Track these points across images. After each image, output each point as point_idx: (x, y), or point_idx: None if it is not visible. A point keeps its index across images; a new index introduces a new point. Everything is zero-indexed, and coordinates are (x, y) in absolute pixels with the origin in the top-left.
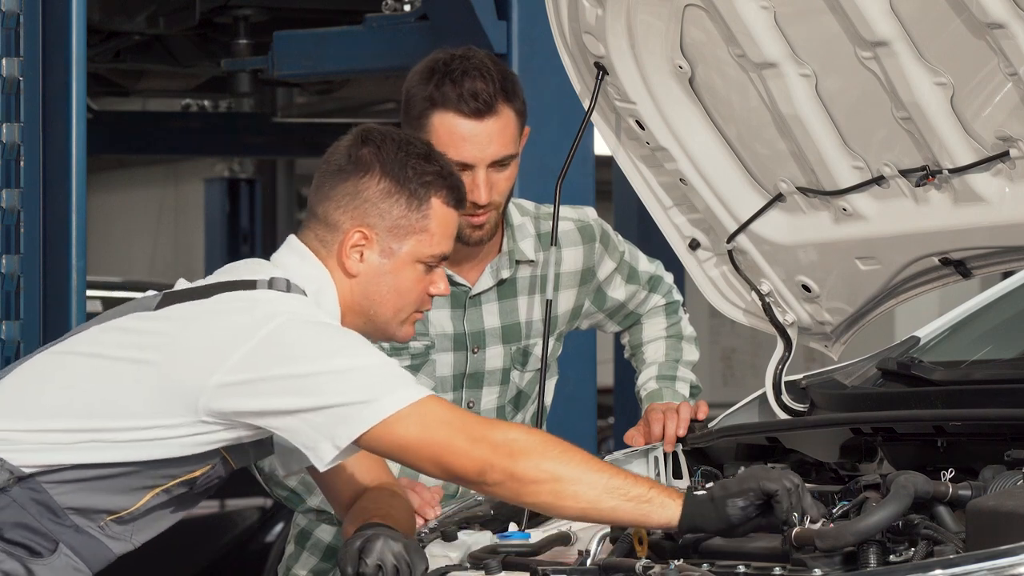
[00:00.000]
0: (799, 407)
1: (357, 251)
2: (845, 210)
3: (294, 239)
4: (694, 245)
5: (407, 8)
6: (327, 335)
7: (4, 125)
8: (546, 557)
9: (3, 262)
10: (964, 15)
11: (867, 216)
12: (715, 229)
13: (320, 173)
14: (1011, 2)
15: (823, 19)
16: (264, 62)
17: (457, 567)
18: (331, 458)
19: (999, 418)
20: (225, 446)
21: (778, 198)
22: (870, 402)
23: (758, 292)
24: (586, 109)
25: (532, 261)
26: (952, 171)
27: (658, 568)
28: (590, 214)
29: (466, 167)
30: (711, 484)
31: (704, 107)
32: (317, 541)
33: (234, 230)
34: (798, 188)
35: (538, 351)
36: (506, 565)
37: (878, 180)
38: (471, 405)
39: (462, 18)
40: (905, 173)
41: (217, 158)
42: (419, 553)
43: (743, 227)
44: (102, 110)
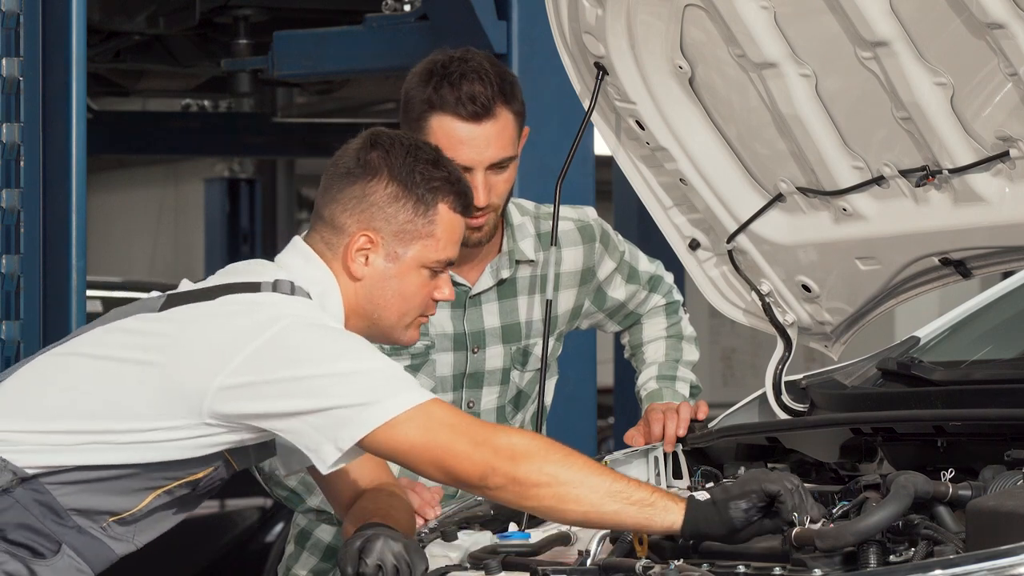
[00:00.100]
0: (799, 407)
1: (362, 255)
2: (845, 210)
3: (299, 241)
4: (694, 245)
5: (407, 8)
6: (331, 338)
7: (4, 125)
8: (546, 557)
9: (3, 262)
10: (964, 15)
11: (867, 216)
12: (715, 229)
13: (328, 175)
14: (1011, 2)
15: (823, 19)
16: (264, 62)
17: (457, 567)
18: (334, 460)
19: (999, 418)
20: (228, 448)
21: (778, 198)
22: (870, 402)
23: (758, 292)
24: (586, 109)
25: (532, 261)
26: (952, 171)
27: (658, 568)
28: (590, 214)
29: (465, 170)
30: (711, 485)
31: (704, 107)
32: (317, 541)
33: (234, 230)
34: (798, 188)
35: (538, 351)
36: (506, 565)
37: (878, 180)
38: (471, 405)
39: (462, 18)
40: (905, 173)
41: (217, 158)
42: (419, 553)
43: (743, 227)
44: (102, 110)
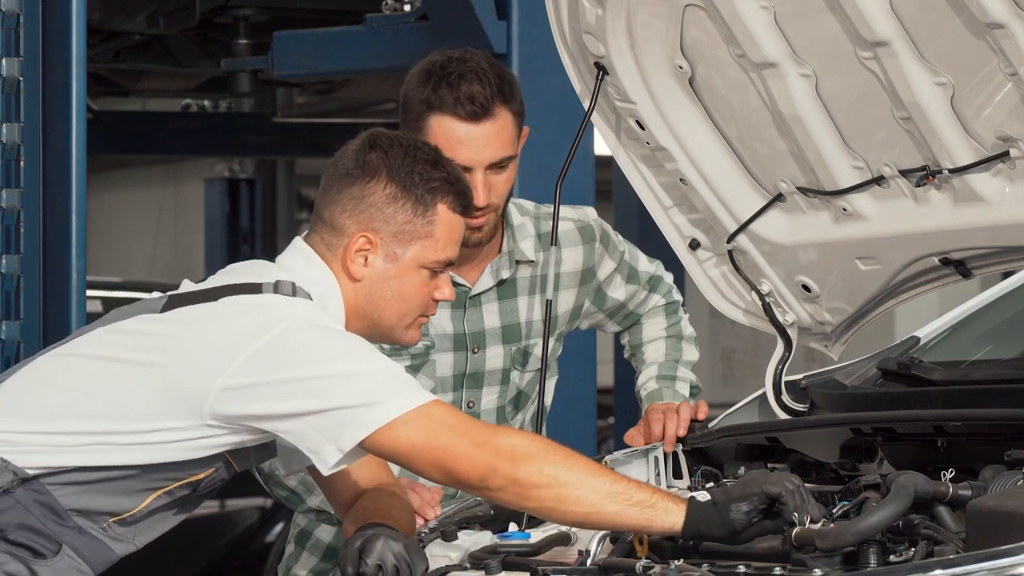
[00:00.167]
0: (799, 407)
1: (362, 255)
2: (845, 210)
3: (300, 241)
4: (694, 245)
5: (407, 8)
6: (331, 339)
7: (4, 125)
8: (546, 557)
9: (3, 262)
10: (964, 15)
11: (867, 216)
12: (715, 229)
13: (327, 176)
14: (1011, 2)
15: (823, 19)
16: (264, 62)
17: (457, 567)
18: (335, 461)
19: (999, 418)
20: (228, 449)
21: (778, 198)
22: (870, 402)
23: (758, 292)
24: (586, 109)
25: (532, 261)
26: (952, 171)
27: (658, 568)
28: (590, 214)
29: (464, 170)
30: (712, 485)
31: (704, 107)
32: (317, 541)
33: (234, 230)
34: (798, 188)
35: (538, 351)
36: (506, 565)
37: (878, 180)
38: (471, 405)
39: (462, 18)
40: (905, 173)
41: (217, 158)
42: (419, 553)
43: (743, 227)
44: (102, 110)
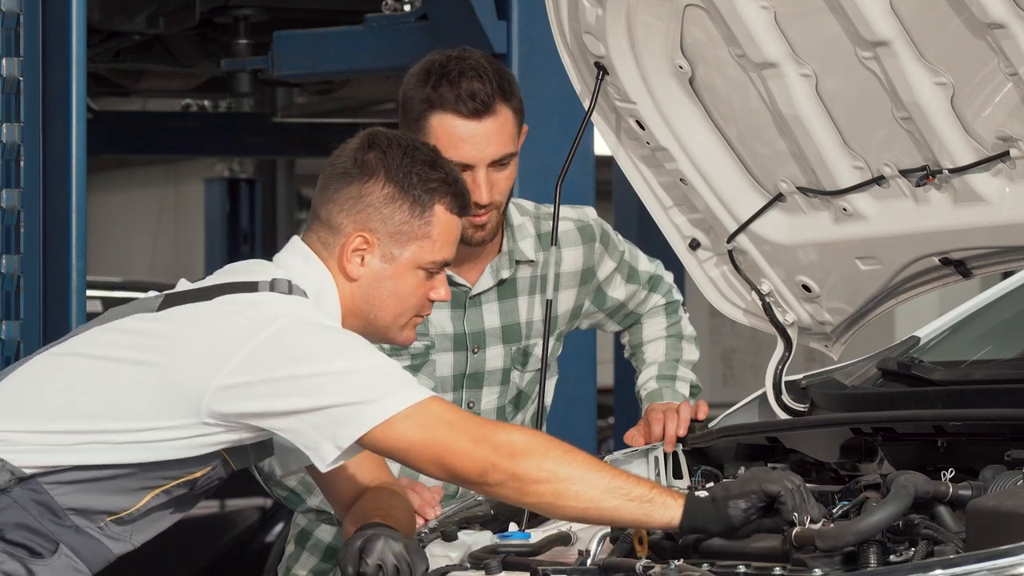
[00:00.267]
0: (799, 407)
1: (358, 255)
2: (845, 210)
3: (297, 240)
4: (694, 245)
5: (407, 8)
6: (328, 337)
7: (4, 125)
8: (546, 557)
9: (3, 262)
10: (964, 15)
11: (867, 216)
12: (715, 229)
13: (325, 175)
14: (1011, 2)
15: (823, 19)
16: (264, 62)
17: (457, 567)
18: (333, 458)
19: (999, 418)
20: (226, 448)
21: (778, 198)
22: (870, 402)
23: (758, 292)
24: (586, 109)
25: (532, 261)
26: (952, 171)
27: (658, 568)
28: (590, 214)
29: (466, 167)
30: (712, 484)
31: (704, 107)
32: (317, 541)
33: (234, 230)
34: (798, 188)
35: (538, 351)
36: (506, 565)
37: (878, 180)
38: (471, 405)
39: (462, 18)
40: (905, 173)
41: (217, 158)
42: (419, 553)
43: (743, 227)
44: (102, 110)
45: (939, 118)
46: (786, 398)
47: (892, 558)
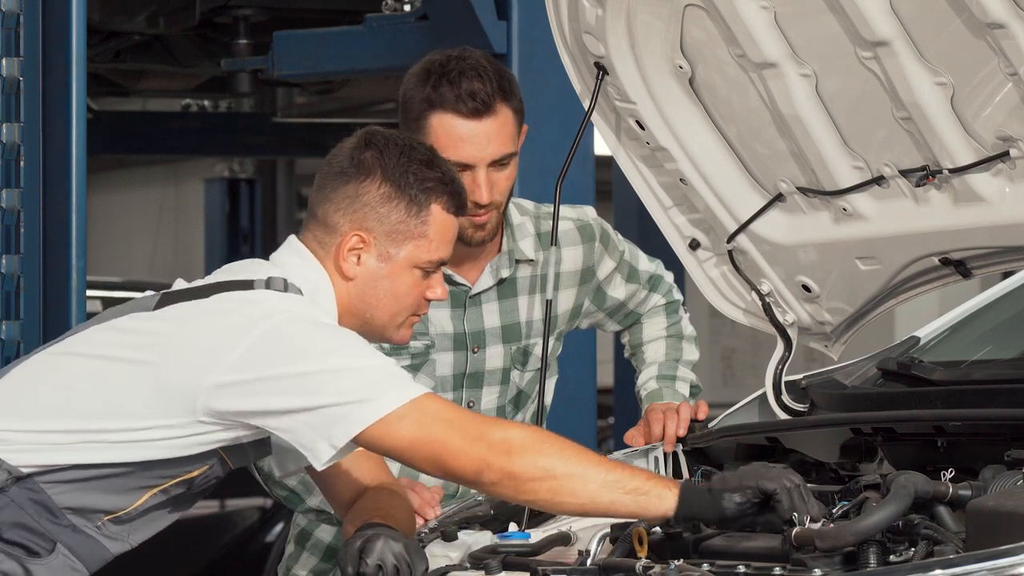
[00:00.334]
0: (799, 407)
1: (354, 254)
2: (845, 210)
3: (294, 239)
4: (694, 245)
5: (407, 8)
6: (324, 334)
7: (4, 125)
8: (546, 557)
9: (3, 262)
10: (964, 15)
11: (867, 216)
12: (715, 229)
13: (322, 174)
14: (1011, 2)
15: (823, 19)
16: (264, 62)
17: (457, 567)
18: (328, 457)
19: (999, 418)
20: (223, 446)
21: (778, 198)
22: (870, 402)
23: (758, 292)
24: (586, 109)
25: (532, 260)
26: (952, 171)
27: (658, 568)
28: (589, 213)
29: (466, 167)
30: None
31: (704, 107)
32: (317, 541)
33: (234, 230)
34: (798, 188)
35: (538, 351)
36: (506, 565)
37: (878, 180)
38: (471, 405)
39: (462, 18)
40: (905, 173)
41: (217, 158)
42: (419, 553)
43: (743, 227)
44: (102, 110)
45: (939, 118)
46: (786, 398)
47: (892, 558)
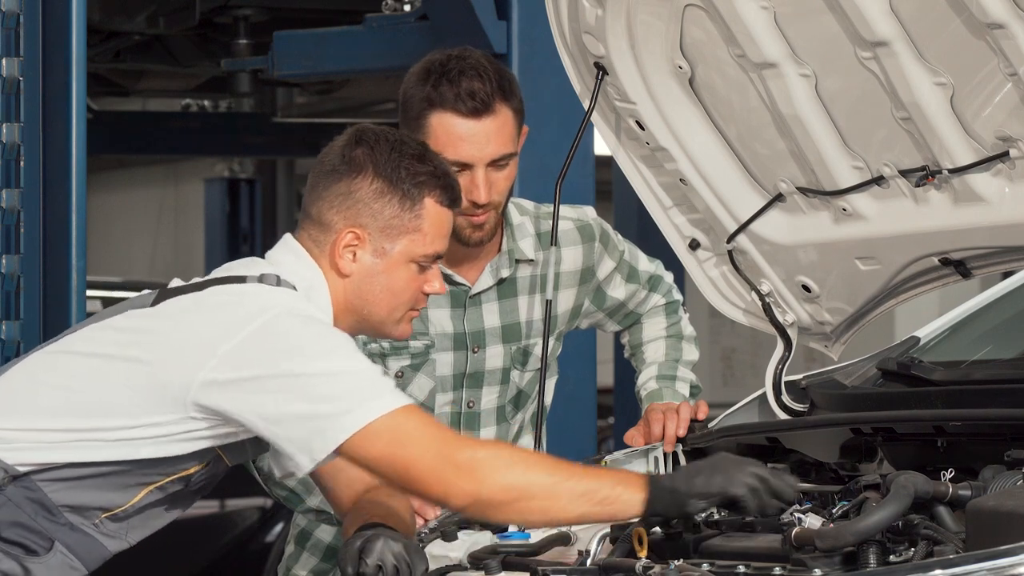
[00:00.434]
0: (799, 407)
1: (350, 251)
2: (845, 210)
3: (289, 238)
4: (694, 245)
5: (407, 8)
6: (312, 336)
7: (4, 125)
8: (546, 557)
9: (3, 262)
10: (964, 15)
11: (867, 216)
12: (715, 229)
13: (314, 173)
14: (1011, 2)
15: (823, 19)
16: (264, 62)
17: (457, 567)
18: (310, 468)
19: (999, 418)
20: (220, 444)
21: (778, 198)
22: (870, 402)
23: (758, 292)
24: (586, 109)
25: (532, 260)
26: (952, 171)
27: (658, 568)
28: (589, 213)
29: (465, 167)
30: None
31: (704, 107)
32: (317, 541)
33: (234, 230)
34: (798, 188)
35: (538, 351)
36: (506, 565)
37: (878, 180)
38: (471, 405)
39: (462, 18)
40: (905, 173)
41: (217, 158)
42: (419, 553)
43: (743, 227)
44: (102, 110)
45: (939, 118)
46: (786, 398)
47: (892, 558)
